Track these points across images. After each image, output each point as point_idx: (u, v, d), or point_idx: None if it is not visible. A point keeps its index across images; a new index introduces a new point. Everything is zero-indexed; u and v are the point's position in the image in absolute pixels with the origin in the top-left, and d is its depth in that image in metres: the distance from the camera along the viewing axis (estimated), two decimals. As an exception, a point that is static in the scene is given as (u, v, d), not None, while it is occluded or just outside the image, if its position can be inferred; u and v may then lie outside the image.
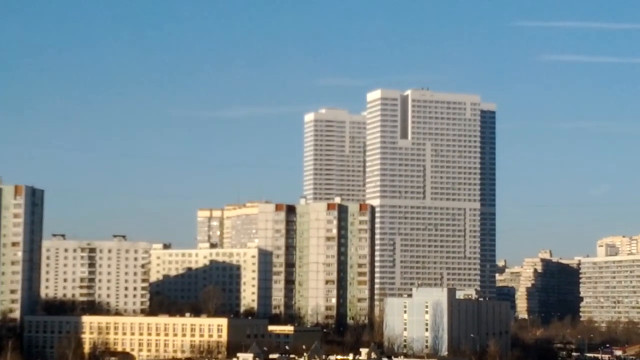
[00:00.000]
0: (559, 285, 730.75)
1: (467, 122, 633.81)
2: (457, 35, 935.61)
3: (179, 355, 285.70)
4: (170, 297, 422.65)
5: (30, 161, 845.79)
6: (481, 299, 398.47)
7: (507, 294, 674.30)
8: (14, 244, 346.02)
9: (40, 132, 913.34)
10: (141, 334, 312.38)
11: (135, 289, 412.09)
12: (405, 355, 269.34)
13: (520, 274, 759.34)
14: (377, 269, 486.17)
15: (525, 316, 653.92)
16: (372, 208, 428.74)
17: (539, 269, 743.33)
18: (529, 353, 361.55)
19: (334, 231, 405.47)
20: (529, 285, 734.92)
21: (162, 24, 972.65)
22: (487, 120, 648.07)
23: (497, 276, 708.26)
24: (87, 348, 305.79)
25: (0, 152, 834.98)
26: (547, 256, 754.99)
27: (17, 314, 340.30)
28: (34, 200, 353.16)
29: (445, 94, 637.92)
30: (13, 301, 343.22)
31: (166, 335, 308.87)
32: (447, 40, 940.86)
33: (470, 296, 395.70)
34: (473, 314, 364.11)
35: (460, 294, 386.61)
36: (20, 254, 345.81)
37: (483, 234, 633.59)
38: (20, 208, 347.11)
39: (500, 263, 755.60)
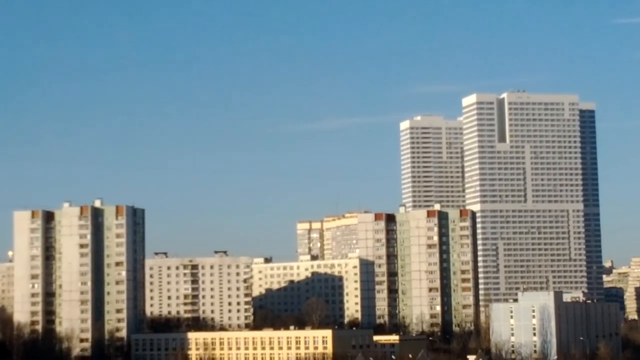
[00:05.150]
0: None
1: (566, 122, 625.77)
2: (551, 35, 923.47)
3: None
4: (274, 310, 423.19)
5: (130, 181, 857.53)
6: (589, 301, 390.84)
7: (616, 295, 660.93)
8: (117, 264, 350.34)
9: (138, 152, 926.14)
10: (247, 348, 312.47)
11: (238, 303, 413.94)
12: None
13: (628, 274, 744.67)
14: (480, 275, 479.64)
15: (636, 317, 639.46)
16: (473, 213, 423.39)
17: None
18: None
19: (435, 238, 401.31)
20: (638, 285, 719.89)
21: (255, 39, 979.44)
22: (587, 119, 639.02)
23: (605, 277, 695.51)
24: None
25: (101, 173, 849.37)
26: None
27: (123, 333, 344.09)
28: (135, 220, 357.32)
29: (542, 95, 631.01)
30: (119, 320, 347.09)
31: (271, 349, 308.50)
32: (542, 41, 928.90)
33: (577, 299, 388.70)
34: (581, 317, 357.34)
35: (567, 297, 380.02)
36: (124, 273, 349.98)
37: (588, 235, 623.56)
38: (122, 228, 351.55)
39: (607, 264, 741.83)
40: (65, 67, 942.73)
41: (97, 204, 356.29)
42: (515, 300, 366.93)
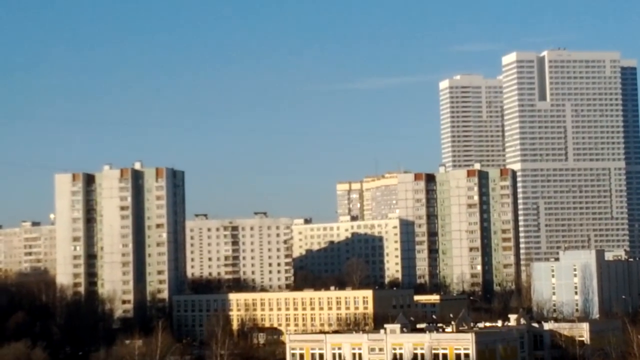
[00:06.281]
0: None
1: (607, 80, 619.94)
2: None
3: (326, 328, 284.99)
4: (314, 271, 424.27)
5: (169, 143, 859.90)
6: (631, 260, 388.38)
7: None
8: (158, 226, 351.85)
9: (178, 114, 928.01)
10: (287, 309, 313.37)
11: (279, 264, 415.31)
12: (556, 320, 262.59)
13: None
14: (521, 234, 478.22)
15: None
16: (514, 172, 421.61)
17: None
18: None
19: (476, 198, 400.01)
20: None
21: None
22: (628, 77, 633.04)
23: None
24: (235, 325, 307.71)
25: (141, 136, 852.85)
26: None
27: (165, 294, 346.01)
28: (175, 182, 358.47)
29: (583, 52, 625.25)
30: (161, 282, 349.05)
31: (312, 309, 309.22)
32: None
33: (619, 257, 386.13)
34: (624, 275, 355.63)
35: (609, 255, 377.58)
36: (165, 235, 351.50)
37: (630, 193, 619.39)
38: (162, 190, 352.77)
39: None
40: (103, 29, 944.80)
41: (137, 166, 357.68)
42: (557, 259, 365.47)
